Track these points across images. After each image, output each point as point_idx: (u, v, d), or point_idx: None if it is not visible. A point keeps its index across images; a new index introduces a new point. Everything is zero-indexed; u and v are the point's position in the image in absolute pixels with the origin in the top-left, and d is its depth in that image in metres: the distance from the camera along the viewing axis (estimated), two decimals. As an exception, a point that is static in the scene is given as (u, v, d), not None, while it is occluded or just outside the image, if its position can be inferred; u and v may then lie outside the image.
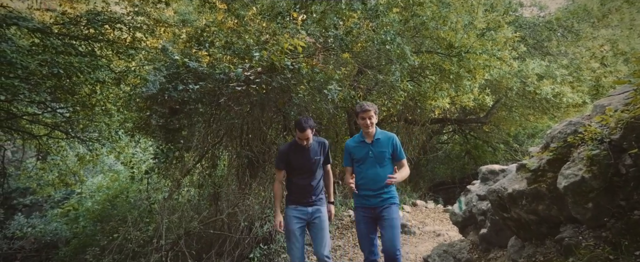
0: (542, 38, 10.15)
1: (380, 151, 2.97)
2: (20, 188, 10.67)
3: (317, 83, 4.77)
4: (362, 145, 3.04)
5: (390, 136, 3.06)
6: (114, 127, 7.77)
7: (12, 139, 7.84)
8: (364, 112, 2.96)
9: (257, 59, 4.65)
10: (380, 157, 2.96)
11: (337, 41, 5.31)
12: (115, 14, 5.49)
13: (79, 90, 5.77)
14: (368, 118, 2.95)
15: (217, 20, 6.07)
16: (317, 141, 3.27)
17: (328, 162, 3.34)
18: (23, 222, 10.02)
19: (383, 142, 3.00)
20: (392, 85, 5.99)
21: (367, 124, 2.96)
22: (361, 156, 3.01)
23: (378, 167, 2.95)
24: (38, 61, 4.13)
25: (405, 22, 6.05)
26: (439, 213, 7.98)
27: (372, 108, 2.99)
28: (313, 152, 3.20)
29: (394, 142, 3.02)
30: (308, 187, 3.18)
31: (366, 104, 3.02)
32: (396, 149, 3.01)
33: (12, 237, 9.86)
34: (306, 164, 3.17)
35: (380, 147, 2.99)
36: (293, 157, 3.18)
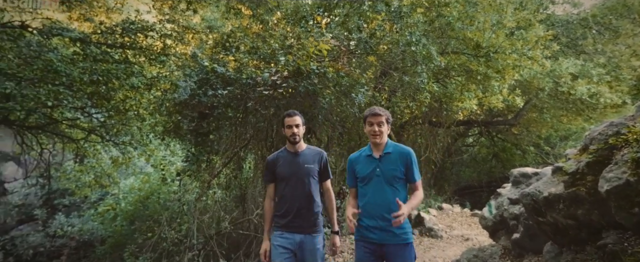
0: (576, 36, 9.74)
1: (391, 169, 2.36)
2: (60, 189, 11.28)
3: (343, 87, 4.79)
4: (368, 160, 2.45)
5: (405, 150, 2.43)
6: (145, 131, 8.07)
7: (54, 142, 8.29)
8: (373, 117, 2.40)
9: (283, 63, 4.72)
10: (390, 177, 2.36)
11: (361, 44, 5.32)
12: (147, 23, 5.74)
13: (113, 95, 6.05)
14: (377, 125, 2.39)
15: (242, 26, 6.22)
16: (313, 149, 2.79)
17: (327, 177, 2.78)
18: (63, 222, 10.60)
19: (394, 158, 2.39)
20: (417, 86, 5.92)
21: (375, 132, 2.38)
22: (366, 173, 2.41)
23: (387, 190, 2.34)
24: (79, 69, 4.38)
25: (431, 22, 5.98)
26: (466, 217, 7.79)
27: (384, 114, 2.42)
28: (305, 159, 2.68)
29: (409, 159, 2.39)
30: (297, 201, 2.60)
31: (377, 108, 2.45)
32: (410, 168, 2.38)
33: (54, 236, 10.46)
34: (296, 172, 2.64)
35: (391, 163, 2.38)
36: (280, 165, 2.68)
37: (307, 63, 4.55)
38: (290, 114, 2.70)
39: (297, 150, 2.71)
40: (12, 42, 4.61)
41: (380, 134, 2.40)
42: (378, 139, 2.40)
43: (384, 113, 2.44)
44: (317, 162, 2.72)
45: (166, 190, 7.81)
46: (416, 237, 6.13)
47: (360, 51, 5.42)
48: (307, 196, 2.64)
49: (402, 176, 2.37)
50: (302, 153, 2.72)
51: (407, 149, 2.45)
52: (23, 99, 4.39)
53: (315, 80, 4.66)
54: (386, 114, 2.46)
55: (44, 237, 10.60)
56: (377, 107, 2.50)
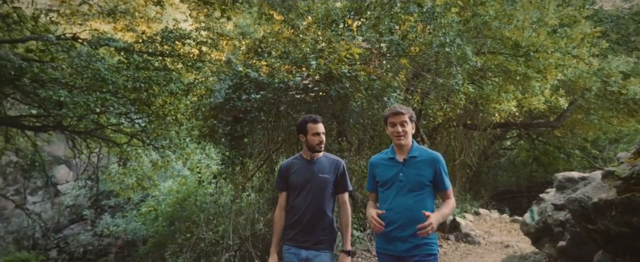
0: (627, 32, 9.08)
1: (416, 174, 2.13)
2: (106, 191, 12.01)
3: (374, 90, 4.76)
4: (391, 163, 2.22)
5: (433, 155, 2.19)
6: (183, 135, 8.41)
7: (100, 147, 8.83)
8: (395, 116, 2.17)
9: (314, 67, 4.76)
10: (415, 183, 2.12)
11: (392, 46, 5.26)
12: (185, 31, 6.01)
13: (154, 101, 6.36)
14: (400, 125, 2.16)
15: (273, 31, 6.36)
16: (330, 158, 2.56)
17: (344, 189, 2.51)
18: (109, 222, 11.27)
19: (421, 163, 2.16)
20: (452, 88, 5.76)
21: (398, 133, 2.15)
22: (387, 177, 2.19)
23: (410, 197, 2.11)
24: (123, 77, 4.66)
25: (465, 22, 5.81)
26: (505, 223, 7.44)
27: (407, 112, 2.19)
28: (320, 168, 2.47)
29: (438, 164, 2.15)
30: (307, 213, 2.39)
31: (398, 106, 2.23)
32: (439, 175, 2.14)
33: (101, 235, 11.16)
34: (309, 181, 2.43)
35: (417, 168, 2.14)
36: (294, 173, 2.49)
37: (338, 67, 4.56)
38: (316, 120, 2.48)
39: (313, 157, 2.51)
40: (65, 53, 5.00)
41: (404, 135, 2.17)
42: (402, 140, 2.17)
43: (406, 111, 2.19)
44: (333, 172, 2.48)
45: (202, 192, 8.08)
46: (452, 242, 5.93)
47: (392, 53, 5.36)
48: (317, 208, 2.41)
49: (428, 183, 2.13)
50: (319, 161, 2.50)
51: (435, 153, 2.20)
52: (74, 106, 4.73)
53: (347, 83, 4.65)
54: (409, 112, 2.21)
55: (93, 236, 11.33)
56: (398, 105, 2.29)
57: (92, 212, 12.14)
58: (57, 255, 11.18)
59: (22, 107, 7.56)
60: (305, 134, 2.48)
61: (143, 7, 6.48)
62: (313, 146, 2.46)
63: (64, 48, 5.03)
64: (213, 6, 5.95)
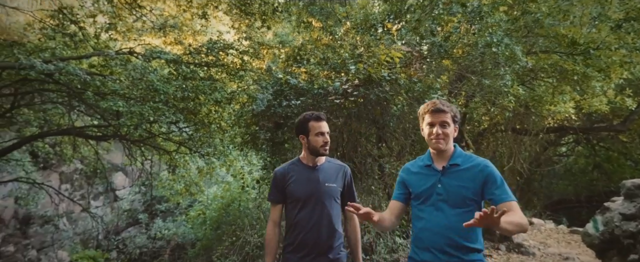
0: None
1: (459, 186, 1.73)
2: (157, 196, 12.79)
3: (415, 93, 4.64)
4: (427, 172, 1.83)
5: (481, 163, 1.76)
6: (226, 142, 8.73)
7: (152, 154, 9.42)
8: (434, 114, 1.78)
9: (353, 72, 4.75)
10: (457, 197, 1.72)
11: (434, 48, 5.11)
12: (228, 41, 6.28)
13: (199, 110, 6.69)
14: (440, 125, 1.76)
15: (312, 38, 6.44)
16: (334, 163, 2.22)
17: (353, 199, 2.18)
18: (161, 226, 11.98)
19: (466, 172, 1.75)
20: (499, 90, 5.46)
21: (437, 135, 1.76)
22: (422, 189, 1.81)
23: (451, 214, 1.72)
24: (173, 87, 4.95)
25: (514, 21, 5.50)
26: (563, 234, 6.85)
27: (450, 110, 1.79)
28: (325, 176, 2.11)
29: (489, 174, 1.72)
30: (315, 231, 2.04)
31: (439, 102, 1.81)
32: (494, 186, 1.70)
33: (154, 238, 11.88)
34: (314, 192, 2.07)
35: (459, 179, 1.74)
36: (293, 182, 2.11)
37: (378, 70, 4.51)
38: (319, 117, 2.12)
39: (315, 163, 2.14)
40: (123, 66, 5.43)
41: (444, 138, 1.75)
42: (442, 144, 1.76)
43: (448, 108, 1.77)
44: (340, 180, 2.13)
45: (245, 198, 8.31)
46: (503, 253, 5.55)
47: (434, 56, 5.20)
48: (327, 224, 2.04)
49: (473, 197, 1.72)
50: (322, 168, 2.13)
51: (483, 160, 1.77)
52: (131, 116, 5.09)
53: (387, 87, 4.58)
54: (452, 109, 1.79)
55: (147, 239, 12.09)
56: (439, 100, 1.86)
57: (146, 216, 12.96)
58: (116, 256, 12.02)
59: (86, 119, 8.29)
60: (307, 134, 2.11)
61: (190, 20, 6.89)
62: (317, 148, 2.08)
63: (122, 62, 5.46)
64: (254, 16, 6.17)
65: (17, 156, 8.71)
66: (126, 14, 6.43)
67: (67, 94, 5.76)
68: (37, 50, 5.37)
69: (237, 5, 6.14)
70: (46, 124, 7.74)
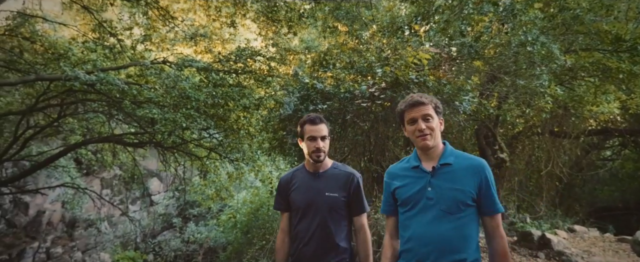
0: None
1: (452, 189, 1.53)
2: (190, 201, 13.23)
3: (445, 95, 4.52)
4: (415, 174, 1.62)
5: (476, 162, 1.58)
6: (254, 148, 8.88)
7: (185, 160, 9.75)
8: (414, 108, 1.59)
9: (380, 75, 4.70)
10: (450, 201, 1.52)
11: (464, 49, 4.97)
12: (255, 49, 6.42)
13: (229, 116, 6.86)
14: (422, 119, 1.57)
15: (338, 43, 6.46)
16: (341, 170, 2.02)
17: (361, 210, 1.98)
18: (194, 229, 12.37)
19: (458, 173, 1.55)
20: (535, 91, 5.21)
21: (421, 131, 1.56)
22: (410, 193, 1.59)
23: (444, 221, 1.51)
24: (204, 94, 5.12)
25: (551, 18, 5.25)
26: (609, 242, 6.37)
27: (430, 102, 1.61)
28: (327, 184, 1.94)
29: (483, 175, 1.54)
30: (312, 243, 1.89)
31: (417, 96, 1.63)
32: (487, 190, 1.54)
33: (188, 241, 12.29)
34: (312, 201, 1.92)
35: (453, 181, 1.54)
36: (295, 189, 1.99)
37: (405, 73, 4.44)
38: (313, 120, 1.95)
39: (317, 169, 1.99)
40: (157, 75, 5.68)
41: (430, 133, 1.56)
42: (428, 140, 1.56)
43: (428, 100, 1.59)
44: (343, 189, 1.92)
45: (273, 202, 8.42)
46: (541, 261, 5.24)
47: (464, 57, 5.06)
48: (325, 237, 1.88)
49: (470, 202, 1.50)
50: (324, 175, 1.97)
51: (478, 160, 1.58)
52: (165, 123, 5.31)
53: (415, 89, 4.49)
54: (432, 101, 1.62)
55: (181, 243, 12.53)
56: (418, 93, 1.71)
57: (180, 221, 13.42)
58: (153, 258, 12.52)
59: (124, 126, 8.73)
60: (303, 138, 1.98)
61: (219, 29, 7.13)
62: (309, 155, 1.94)
63: (156, 71, 5.73)
64: (280, 23, 6.28)
65: (63, 162, 9.29)
66: (160, 25, 6.76)
67: (106, 103, 6.10)
68: (80, 63, 5.74)
69: (264, 13, 6.29)
70: (88, 132, 8.23)
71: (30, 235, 9.92)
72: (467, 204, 1.51)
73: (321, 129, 1.94)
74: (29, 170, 7.09)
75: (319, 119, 1.97)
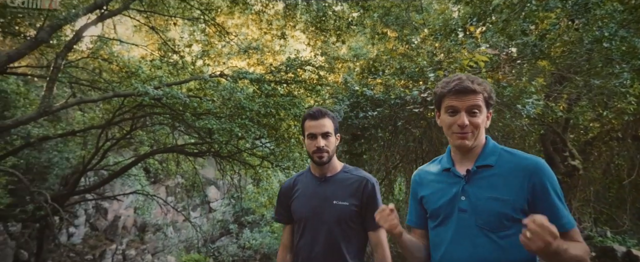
0: None
1: (491, 199, 1.18)
2: (245, 208, 13.77)
3: (505, 98, 4.22)
4: (447, 179, 1.30)
5: (528, 161, 1.20)
6: (305, 156, 9.00)
7: (239, 169, 10.19)
8: (461, 96, 1.20)
9: (432, 80, 4.54)
10: (489, 215, 1.18)
11: (527, 48, 4.61)
12: (304, 58, 6.57)
13: (280, 125, 7.05)
14: (467, 111, 1.20)
15: (387, 49, 6.36)
16: (353, 174, 1.68)
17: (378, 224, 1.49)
18: (249, 236, 12.84)
19: (503, 178, 1.20)
20: (614, 90, 4.66)
21: (463, 126, 1.20)
22: (440, 204, 1.28)
23: (483, 241, 1.18)
24: (258, 104, 5.35)
25: (633, 10, 4.69)
26: None
27: (482, 89, 1.22)
28: (334, 190, 1.62)
29: (537, 177, 1.16)
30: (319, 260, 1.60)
31: (466, 77, 1.23)
32: (543, 198, 1.15)
33: (243, 247, 12.79)
34: (317, 211, 1.61)
35: (493, 188, 1.19)
36: (297, 198, 1.70)
37: (460, 76, 4.23)
38: (313, 114, 1.63)
39: (324, 173, 1.67)
40: (215, 88, 6.05)
41: (473, 131, 1.20)
42: (469, 139, 1.21)
43: (481, 87, 1.20)
44: (355, 197, 1.59)
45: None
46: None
47: (527, 57, 4.70)
48: (334, 254, 1.56)
49: (516, 215, 1.13)
50: (332, 180, 1.65)
51: (530, 158, 1.20)
52: (222, 133, 5.61)
53: (471, 93, 4.25)
54: (485, 88, 1.22)
55: (237, 248, 13.08)
56: (467, 75, 1.25)
57: (236, 227, 14.00)
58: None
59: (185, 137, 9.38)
60: (303, 135, 1.69)
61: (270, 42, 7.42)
62: (310, 156, 1.65)
63: (214, 84, 6.10)
64: (329, 32, 6.37)
65: (134, 171, 10.19)
66: (216, 41, 7.21)
67: (170, 115, 6.61)
68: (148, 79, 6.31)
69: (313, 23, 6.42)
70: (155, 143, 8.95)
71: (109, 238, 11.01)
72: (513, 218, 1.12)
73: (322, 124, 1.60)
74: (108, 178, 7.87)
75: (320, 112, 1.63)
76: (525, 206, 1.15)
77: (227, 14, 7.17)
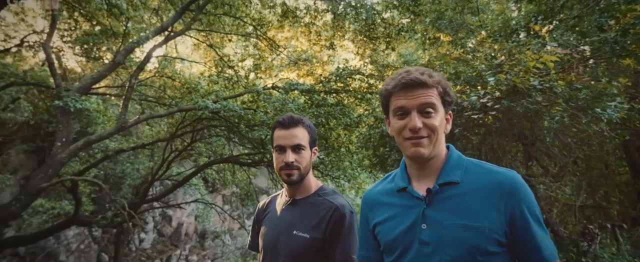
0: None
1: (460, 227, 0.92)
2: (296, 219, 14.01)
3: (580, 102, 3.80)
4: (401, 201, 1.04)
5: (501, 177, 0.94)
6: (355, 165, 8.88)
7: (289, 178, 10.35)
8: (410, 91, 0.98)
9: (493, 84, 4.23)
10: (459, 248, 0.91)
11: (606, 46, 4.13)
12: (354, 67, 6.53)
13: (330, 134, 7.04)
14: (419, 110, 0.98)
15: (439, 54, 6.09)
16: (326, 199, 1.37)
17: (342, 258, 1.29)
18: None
19: (472, 196, 0.94)
20: None
21: (415, 130, 0.96)
22: (395, 234, 1.01)
23: None
24: (309, 114, 5.40)
25: None
26: None
27: (437, 84, 0.99)
28: (297, 218, 1.35)
29: (515, 198, 0.92)
30: None
31: (418, 72, 1.00)
32: (522, 224, 0.91)
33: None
34: (276, 240, 1.36)
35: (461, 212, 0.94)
36: (264, 223, 1.46)
37: (525, 79, 3.89)
38: (284, 122, 1.36)
39: (293, 195, 1.40)
40: (267, 100, 6.24)
41: (430, 135, 0.97)
42: (424, 147, 0.96)
43: (433, 80, 0.98)
44: (318, 228, 1.29)
45: (376, 221, 8.21)
46: None
47: (606, 55, 4.21)
48: None
49: (493, 248, 0.90)
50: (302, 204, 1.37)
51: (503, 173, 0.95)
52: (274, 143, 5.73)
53: (539, 97, 3.89)
54: (440, 82, 0.99)
55: (290, 259, 13.29)
56: (416, 68, 1.02)
57: (290, 238, 14.23)
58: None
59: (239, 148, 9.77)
60: (273, 147, 1.40)
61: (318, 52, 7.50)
62: (278, 173, 1.37)
63: (266, 96, 6.29)
64: (378, 40, 6.28)
65: (194, 181, 10.82)
66: (267, 54, 7.46)
67: (226, 127, 6.93)
68: (206, 94, 6.70)
69: (362, 32, 6.37)
70: (213, 154, 9.43)
71: (173, 243, 11.78)
72: (488, 252, 0.89)
73: (294, 135, 1.31)
74: (172, 188, 8.44)
75: (292, 120, 1.34)
76: (502, 238, 0.90)
77: (277, 28, 7.41)
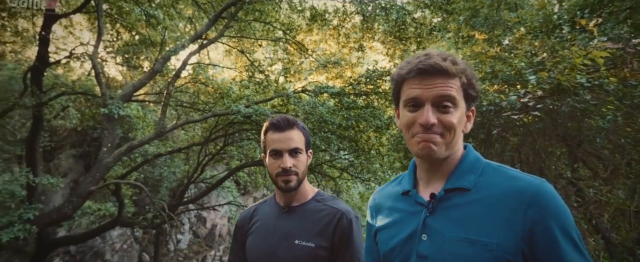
0: None
1: (462, 241, 0.78)
2: (324, 219, 14.00)
3: (636, 100, 3.53)
4: (405, 205, 0.91)
5: (522, 185, 0.77)
6: (385, 167, 8.75)
7: (320, 180, 10.35)
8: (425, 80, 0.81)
9: (534, 83, 4.03)
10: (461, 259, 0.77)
11: (663, 37, 3.82)
12: (384, 69, 6.43)
13: (360, 137, 6.97)
14: (433, 103, 0.81)
15: (474, 53, 5.87)
16: (327, 205, 1.30)
17: None
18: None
19: (482, 207, 0.79)
20: None
21: (428, 126, 0.80)
22: (393, 244, 0.89)
23: None
24: (339, 117, 5.38)
25: None
26: None
27: (460, 73, 0.82)
28: (297, 226, 1.27)
29: (536, 211, 0.73)
30: None
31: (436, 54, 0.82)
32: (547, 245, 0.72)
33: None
34: (273, 251, 1.25)
35: (465, 224, 0.79)
36: (252, 233, 1.34)
37: (571, 77, 3.66)
38: (278, 124, 1.27)
39: (289, 202, 1.31)
40: (297, 103, 6.28)
41: (444, 133, 0.82)
42: (437, 147, 0.82)
43: (455, 67, 0.81)
44: (324, 236, 1.22)
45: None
46: None
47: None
48: None
49: None
50: (300, 211, 1.29)
51: (527, 180, 0.78)
52: (307, 146, 5.76)
53: (587, 95, 3.65)
54: (464, 71, 0.83)
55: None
56: (436, 52, 0.84)
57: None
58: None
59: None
60: (265, 152, 1.31)
61: (347, 55, 7.47)
62: (273, 180, 1.27)
63: (296, 99, 6.33)
64: (409, 40, 6.15)
65: (227, 184, 11.08)
66: (297, 58, 7.52)
67: (257, 131, 7.04)
68: (238, 99, 6.84)
69: (392, 32, 6.27)
70: (244, 157, 9.62)
71: (208, 244, 12.13)
72: None
73: (290, 138, 1.23)
74: (207, 190, 8.68)
75: (287, 122, 1.26)
76: (517, 258, 0.73)
77: (306, 32, 7.45)
